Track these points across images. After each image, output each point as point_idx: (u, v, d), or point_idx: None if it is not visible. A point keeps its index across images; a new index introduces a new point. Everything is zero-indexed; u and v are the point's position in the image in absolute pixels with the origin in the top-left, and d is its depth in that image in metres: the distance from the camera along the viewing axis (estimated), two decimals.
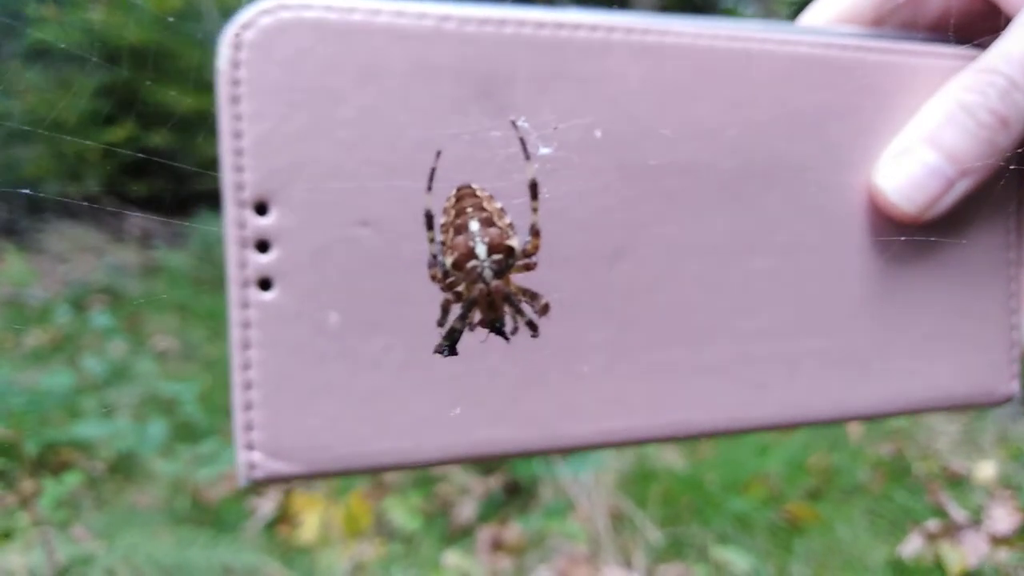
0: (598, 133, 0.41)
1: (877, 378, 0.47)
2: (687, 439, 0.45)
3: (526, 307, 0.40)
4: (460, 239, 0.38)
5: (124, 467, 2.02)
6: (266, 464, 0.38)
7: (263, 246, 0.37)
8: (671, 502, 1.92)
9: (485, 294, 0.39)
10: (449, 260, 0.38)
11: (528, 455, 0.42)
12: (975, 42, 0.47)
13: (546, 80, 0.40)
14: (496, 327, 0.39)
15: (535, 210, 0.39)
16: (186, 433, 2.08)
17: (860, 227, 0.45)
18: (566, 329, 0.40)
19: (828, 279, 0.45)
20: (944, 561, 1.75)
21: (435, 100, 0.38)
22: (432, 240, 0.38)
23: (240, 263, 0.37)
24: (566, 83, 0.40)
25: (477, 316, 0.39)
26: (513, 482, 1.98)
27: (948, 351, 0.48)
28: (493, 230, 0.38)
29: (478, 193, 0.38)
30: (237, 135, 0.36)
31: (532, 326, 0.40)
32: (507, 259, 0.39)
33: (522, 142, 0.38)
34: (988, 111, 0.43)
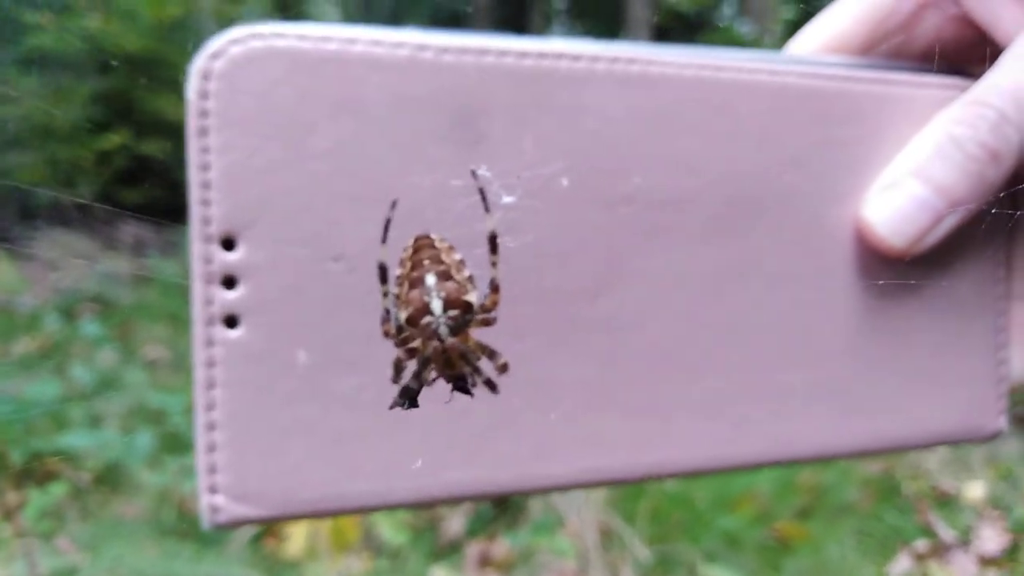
0: (565, 181, 0.40)
1: (864, 415, 0.46)
2: (667, 479, 0.44)
3: (484, 365, 0.38)
4: (415, 293, 0.37)
5: (110, 478, 2.00)
6: (230, 508, 0.36)
7: (230, 282, 0.36)
8: (660, 519, 1.91)
9: (440, 352, 0.38)
10: (403, 315, 0.37)
11: (504, 496, 0.41)
12: (962, 70, 0.46)
13: (527, 111, 0.39)
14: (458, 384, 0.38)
15: (494, 264, 0.37)
16: (174, 444, 2.06)
17: (847, 261, 0.45)
18: (544, 367, 0.39)
19: (814, 314, 0.44)
20: None
21: (412, 132, 0.37)
22: (385, 294, 0.37)
23: (206, 300, 0.36)
24: (548, 114, 0.39)
25: (432, 374, 0.38)
26: (502, 498, 1.97)
27: (936, 387, 0.47)
28: (450, 284, 0.37)
29: (436, 244, 0.37)
30: (204, 167, 0.35)
31: (490, 385, 0.38)
32: (464, 315, 0.37)
33: (482, 193, 0.37)
34: (978, 144, 0.42)
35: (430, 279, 0.36)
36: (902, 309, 0.46)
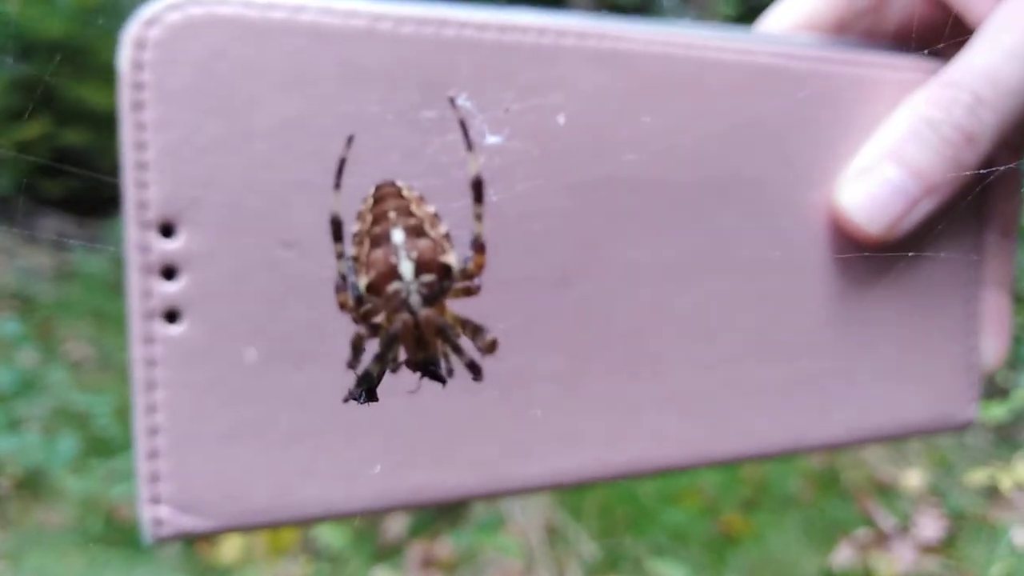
0: (561, 119, 0.36)
1: (838, 408, 0.44)
2: (644, 476, 0.41)
3: (466, 344, 0.32)
4: (379, 253, 0.30)
5: (32, 484, 1.91)
6: (175, 520, 0.33)
7: (170, 273, 0.33)
8: (606, 515, 1.90)
9: (411, 327, 0.30)
10: (364, 281, 0.30)
11: (473, 499, 0.37)
12: (934, 50, 0.45)
13: (490, 87, 0.36)
14: (429, 369, 0.31)
15: (479, 217, 0.31)
16: (100, 448, 1.98)
17: (821, 247, 0.43)
18: (512, 360, 0.36)
19: (788, 302, 0.43)
20: (873, 570, 1.77)
21: (366, 108, 0.34)
22: (341, 255, 0.31)
23: (143, 292, 0.33)
24: (512, 91, 0.36)
25: (401, 355, 0.32)
26: None
27: (909, 376, 0.46)
28: (423, 242, 0.30)
29: (404, 193, 0.31)
30: (140, 146, 0.32)
31: (474, 368, 0.32)
32: (441, 281, 0.30)
33: (463, 126, 0.31)
34: (953, 127, 0.41)
35: (397, 235, 0.30)
36: (875, 298, 0.45)
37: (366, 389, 0.31)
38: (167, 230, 0.33)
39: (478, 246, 0.32)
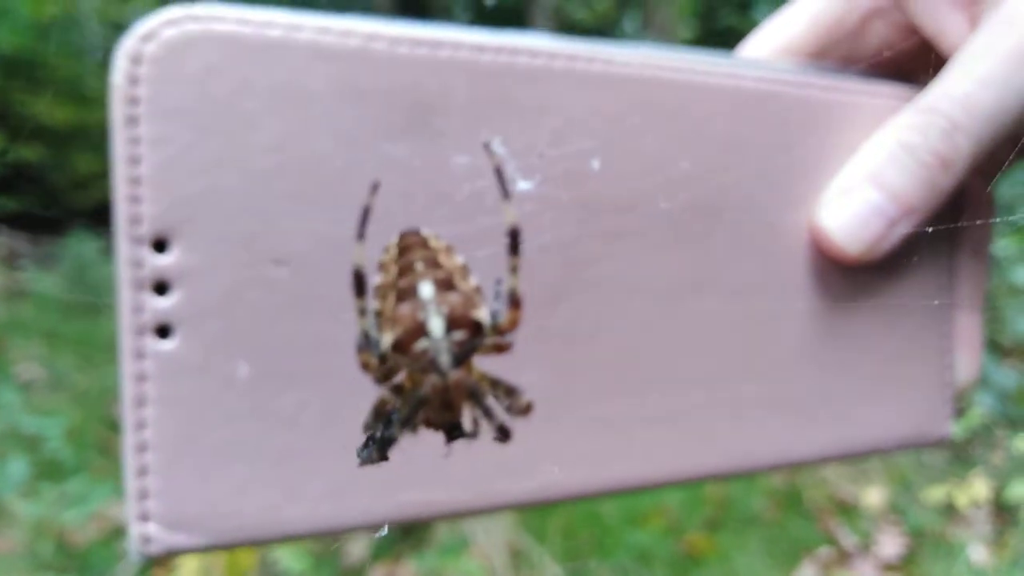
0: (596, 164, 0.37)
1: (820, 423, 0.45)
2: (630, 493, 0.42)
3: (495, 406, 0.30)
4: (405, 309, 0.27)
5: None
6: (164, 537, 0.33)
7: (162, 288, 0.33)
8: (571, 536, 1.89)
9: (440, 390, 0.28)
10: (388, 339, 0.28)
11: (461, 516, 0.37)
12: (912, 79, 0.47)
13: (484, 109, 0.36)
14: (453, 432, 0.29)
15: (514, 270, 0.29)
16: (51, 471, 1.93)
17: (802, 268, 0.44)
18: (503, 376, 0.36)
19: (772, 322, 0.44)
20: None
21: (361, 127, 0.34)
22: (363, 312, 0.28)
23: (135, 307, 0.32)
24: (505, 112, 0.37)
25: (423, 420, 0.30)
26: None
27: (887, 393, 0.47)
28: (454, 296, 0.27)
29: (431, 243, 0.28)
30: (134, 161, 0.32)
31: (503, 432, 0.30)
32: (473, 339, 0.28)
33: (499, 174, 0.30)
34: (929, 152, 0.42)
35: (426, 289, 0.27)
36: (855, 317, 0.46)
37: (378, 452, 0.30)
38: (160, 245, 0.33)
39: (514, 300, 0.29)
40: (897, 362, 0.48)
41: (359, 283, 0.28)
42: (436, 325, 0.27)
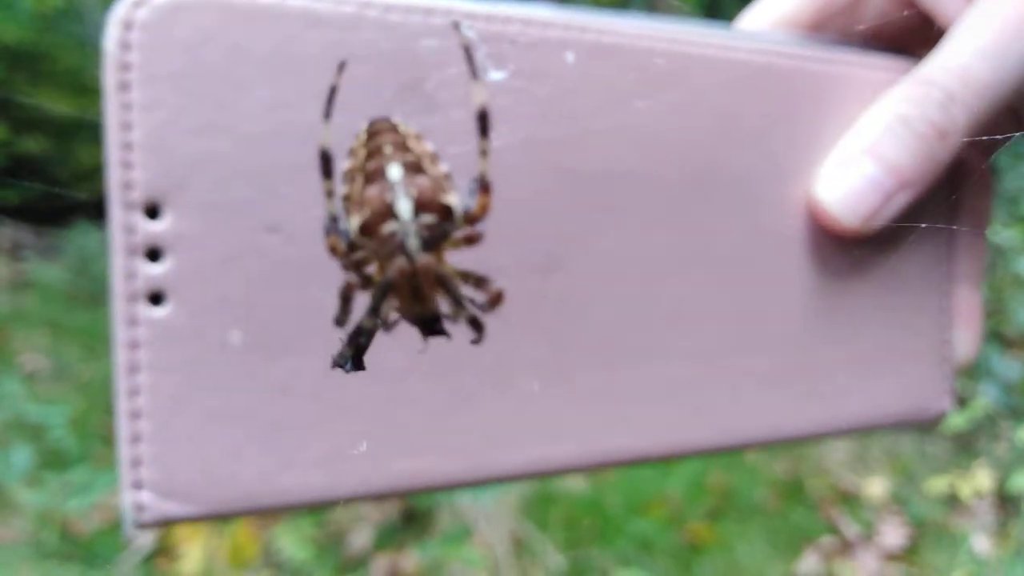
0: (571, 57, 0.36)
1: (816, 398, 0.45)
2: (624, 465, 0.42)
3: (467, 296, 0.29)
4: (373, 191, 0.27)
5: None
6: (157, 505, 0.33)
7: (154, 254, 0.33)
8: (573, 526, 1.89)
9: (408, 274, 0.27)
10: (356, 221, 0.27)
11: (455, 487, 0.37)
12: (909, 52, 0.46)
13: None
14: (431, 325, 0.29)
15: (484, 153, 0.29)
16: (55, 460, 1.93)
17: (799, 241, 0.44)
18: (496, 347, 0.36)
19: (768, 295, 0.44)
20: None
21: (353, 93, 0.34)
22: (330, 194, 0.28)
23: (127, 274, 0.33)
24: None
25: (393, 312, 0.29)
26: (410, 508, 1.92)
27: (885, 368, 0.47)
28: (423, 179, 0.27)
29: (400, 128, 0.28)
30: (126, 127, 0.32)
31: (475, 324, 0.29)
32: (442, 223, 0.28)
33: (468, 53, 0.30)
34: (926, 123, 0.42)
35: (394, 171, 0.27)
36: (852, 291, 0.46)
37: (353, 356, 0.29)
38: (152, 211, 0.33)
39: (483, 185, 0.29)
40: (895, 337, 0.48)
41: (326, 164, 0.28)
42: (404, 207, 0.27)
